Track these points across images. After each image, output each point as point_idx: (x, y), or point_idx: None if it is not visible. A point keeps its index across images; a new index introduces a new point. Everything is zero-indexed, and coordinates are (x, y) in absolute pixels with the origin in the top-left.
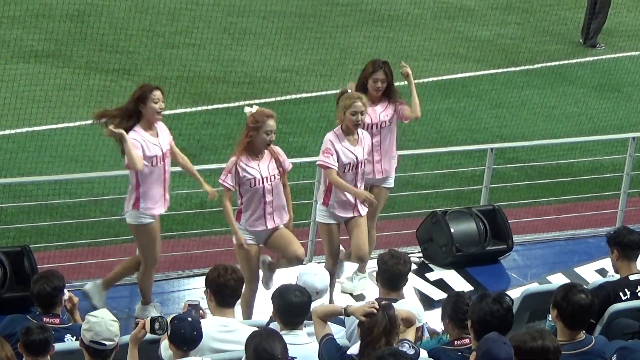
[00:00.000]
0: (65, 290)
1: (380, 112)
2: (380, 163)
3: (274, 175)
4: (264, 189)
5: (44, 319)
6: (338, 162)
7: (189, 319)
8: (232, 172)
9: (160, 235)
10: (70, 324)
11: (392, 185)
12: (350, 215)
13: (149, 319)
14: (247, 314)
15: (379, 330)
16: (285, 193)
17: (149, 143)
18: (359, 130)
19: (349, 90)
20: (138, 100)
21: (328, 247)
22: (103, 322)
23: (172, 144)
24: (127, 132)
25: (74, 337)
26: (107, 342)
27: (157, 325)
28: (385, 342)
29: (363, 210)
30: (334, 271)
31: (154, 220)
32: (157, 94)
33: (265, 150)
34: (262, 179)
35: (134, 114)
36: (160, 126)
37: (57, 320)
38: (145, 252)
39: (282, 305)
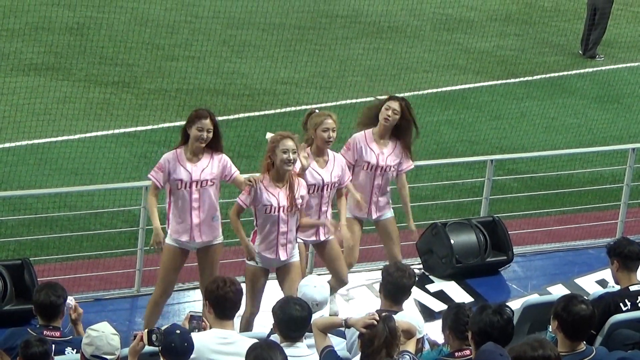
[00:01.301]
0: (72, 299)
1: (387, 155)
2: (377, 204)
3: (292, 206)
4: (279, 217)
5: (45, 332)
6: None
7: (178, 331)
8: (250, 194)
9: (180, 266)
10: (71, 337)
11: (392, 215)
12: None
13: (146, 331)
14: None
15: (380, 342)
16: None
17: (178, 165)
18: (331, 152)
19: (317, 111)
20: (187, 122)
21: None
22: (104, 336)
23: (235, 176)
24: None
25: (75, 350)
26: (108, 356)
27: (154, 337)
28: (386, 353)
29: (326, 235)
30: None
31: (176, 245)
32: (204, 123)
33: (287, 182)
34: (279, 207)
35: (184, 134)
36: (213, 156)
37: (57, 333)
38: (159, 273)
39: (283, 319)
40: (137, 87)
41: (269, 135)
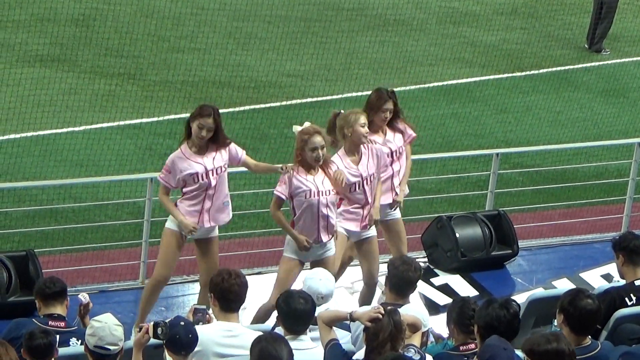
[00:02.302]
0: (87, 296)
1: (393, 139)
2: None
3: (329, 190)
4: (319, 202)
5: (50, 323)
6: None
7: (182, 323)
8: (286, 183)
9: (178, 256)
10: (75, 327)
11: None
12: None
13: (151, 323)
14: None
15: (385, 335)
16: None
17: (187, 161)
18: (362, 147)
19: (342, 111)
20: (191, 116)
21: None
22: (107, 326)
23: (244, 158)
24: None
25: (79, 341)
26: (111, 347)
27: (160, 330)
28: (391, 347)
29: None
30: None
31: (177, 229)
32: (206, 121)
33: (320, 169)
34: (318, 192)
35: (188, 127)
36: (218, 148)
37: (62, 324)
38: (158, 258)
39: (287, 312)
40: (142, 79)
41: (295, 128)
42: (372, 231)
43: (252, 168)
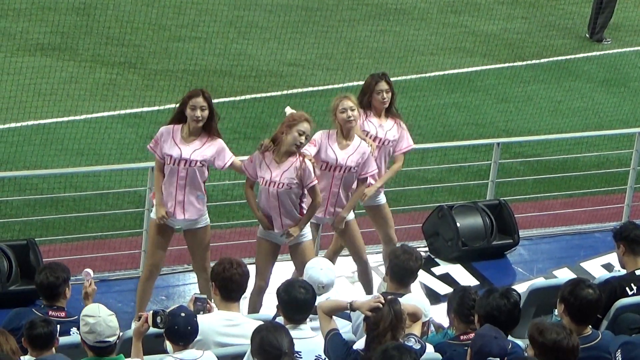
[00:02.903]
0: (91, 272)
1: (387, 130)
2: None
3: (285, 183)
4: (268, 191)
5: (50, 313)
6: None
7: (183, 314)
8: (253, 160)
9: (165, 244)
10: (76, 317)
11: (384, 200)
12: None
13: (151, 312)
14: (252, 310)
15: (385, 325)
16: (311, 205)
17: (171, 140)
18: (358, 140)
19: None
20: (182, 103)
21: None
22: (101, 320)
23: (229, 165)
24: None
25: (79, 331)
26: (110, 339)
27: (159, 319)
28: (391, 336)
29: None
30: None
31: (155, 218)
32: (197, 101)
33: (292, 157)
34: (270, 182)
35: (181, 115)
36: (208, 140)
37: (62, 314)
38: (147, 251)
39: (287, 301)
40: (143, 67)
41: (288, 109)
42: (350, 215)
43: (239, 169)
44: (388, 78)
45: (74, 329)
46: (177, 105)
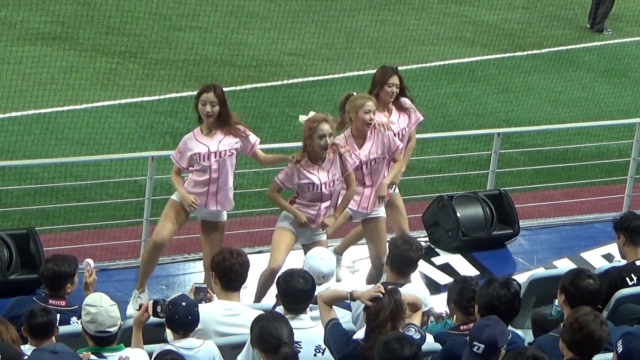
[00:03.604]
0: (92, 262)
1: (397, 121)
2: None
3: (334, 180)
4: (321, 193)
5: (50, 301)
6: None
7: (184, 303)
8: (289, 175)
9: (177, 221)
10: (76, 306)
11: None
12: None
13: (151, 302)
14: (259, 295)
15: (385, 315)
16: (347, 194)
17: (195, 141)
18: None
19: (354, 94)
20: (196, 97)
21: None
22: (103, 310)
23: (254, 150)
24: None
25: (80, 320)
26: (111, 329)
27: (159, 309)
28: (391, 326)
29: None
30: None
31: (179, 201)
32: (207, 96)
33: (329, 155)
34: (321, 184)
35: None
36: (229, 131)
37: (63, 303)
38: (158, 224)
39: (286, 291)
40: (143, 57)
41: (302, 118)
42: (380, 212)
43: (261, 160)
44: (399, 73)
45: (74, 318)
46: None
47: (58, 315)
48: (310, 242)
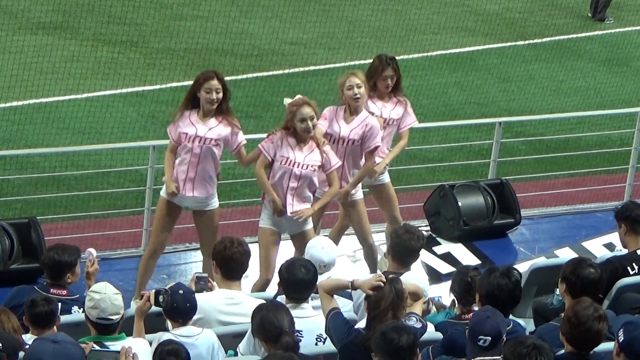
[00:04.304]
0: (95, 252)
1: (391, 110)
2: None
3: (309, 165)
4: (291, 172)
5: (51, 290)
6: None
7: (181, 291)
8: (273, 142)
9: (171, 224)
10: (77, 295)
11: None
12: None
13: (153, 291)
14: None
15: (386, 304)
16: (328, 192)
17: (187, 120)
18: (364, 114)
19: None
20: (195, 85)
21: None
22: (107, 297)
23: (239, 150)
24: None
25: (81, 309)
26: (113, 317)
27: (161, 298)
28: (393, 315)
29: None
30: None
31: (168, 198)
32: (212, 83)
33: (312, 142)
34: (295, 162)
35: (194, 98)
36: (223, 120)
37: (64, 292)
38: (152, 229)
39: (288, 280)
40: (144, 46)
41: (286, 101)
42: (359, 194)
43: (243, 161)
44: (396, 64)
45: (75, 307)
46: (192, 87)
47: (59, 304)
48: (297, 232)
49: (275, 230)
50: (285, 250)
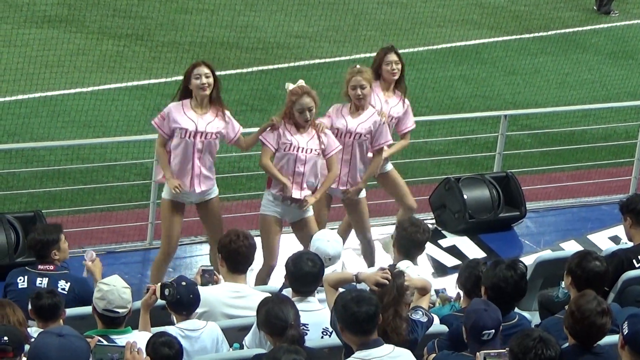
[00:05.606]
0: (94, 253)
1: (392, 106)
2: None
3: (312, 149)
4: (296, 157)
5: (39, 267)
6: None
7: (184, 283)
8: (274, 132)
9: (179, 224)
10: (65, 270)
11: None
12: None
13: (159, 284)
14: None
15: (389, 299)
16: (329, 176)
17: (182, 114)
18: (371, 110)
19: (357, 66)
20: (185, 77)
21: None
22: (115, 289)
23: (237, 138)
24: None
25: (68, 284)
26: (120, 310)
27: (167, 292)
28: (394, 310)
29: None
30: None
31: (172, 198)
32: (200, 69)
33: (312, 129)
34: (299, 147)
35: (186, 90)
36: (218, 112)
37: (51, 267)
38: (162, 232)
39: (295, 273)
40: (150, 39)
41: (288, 85)
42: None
43: (243, 146)
44: (396, 50)
45: (61, 282)
46: (183, 81)
47: (46, 279)
48: (298, 219)
49: (278, 217)
50: (287, 242)
